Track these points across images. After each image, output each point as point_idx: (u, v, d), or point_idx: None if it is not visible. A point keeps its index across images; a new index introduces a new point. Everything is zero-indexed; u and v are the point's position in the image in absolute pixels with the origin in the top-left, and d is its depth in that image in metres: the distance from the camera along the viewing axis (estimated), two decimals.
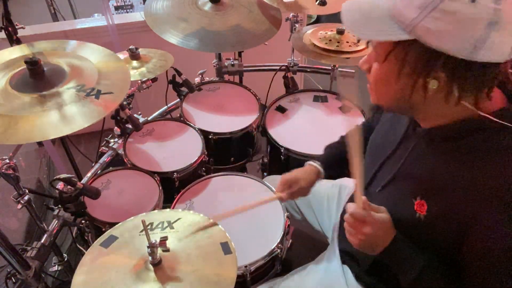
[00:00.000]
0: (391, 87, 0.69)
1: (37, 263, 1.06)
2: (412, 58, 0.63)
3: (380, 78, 0.70)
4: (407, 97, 0.68)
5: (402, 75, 0.66)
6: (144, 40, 1.68)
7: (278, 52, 1.90)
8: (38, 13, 3.18)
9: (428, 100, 0.67)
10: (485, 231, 0.63)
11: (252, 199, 1.22)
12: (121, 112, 1.38)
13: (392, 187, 0.81)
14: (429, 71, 0.62)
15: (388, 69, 0.68)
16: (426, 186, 0.72)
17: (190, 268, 0.78)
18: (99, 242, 0.85)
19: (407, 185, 0.77)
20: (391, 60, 0.66)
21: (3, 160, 1.00)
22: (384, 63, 0.68)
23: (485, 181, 0.64)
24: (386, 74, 0.69)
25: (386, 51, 0.66)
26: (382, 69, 0.69)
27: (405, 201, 0.75)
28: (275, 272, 1.15)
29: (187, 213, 0.92)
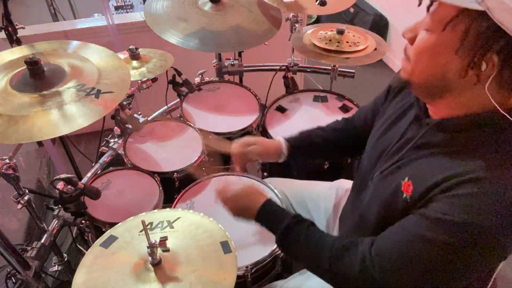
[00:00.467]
0: (437, 60, 0.64)
1: (37, 263, 1.06)
2: (475, 32, 0.58)
3: (428, 49, 0.65)
4: (449, 75, 0.64)
5: (457, 49, 0.60)
6: (144, 40, 1.68)
7: (278, 52, 1.90)
8: (38, 13, 3.18)
9: (464, 83, 0.63)
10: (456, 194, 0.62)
11: None
12: (121, 112, 1.38)
13: (389, 173, 0.80)
14: (487, 50, 0.57)
15: (443, 40, 0.62)
16: (417, 168, 0.72)
17: (190, 268, 0.78)
18: (99, 243, 0.85)
19: (402, 170, 0.76)
20: (449, 30, 0.60)
21: (3, 160, 1.00)
22: (438, 33, 0.62)
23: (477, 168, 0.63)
24: (438, 45, 0.63)
25: (447, 19, 0.60)
26: (433, 39, 0.63)
27: (395, 182, 0.75)
28: (275, 273, 1.15)
29: (186, 213, 0.93)
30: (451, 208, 0.62)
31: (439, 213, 0.63)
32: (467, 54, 0.60)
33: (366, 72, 2.98)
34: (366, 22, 3.15)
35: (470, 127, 0.67)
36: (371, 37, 1.59)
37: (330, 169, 1.41)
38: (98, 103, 0.95)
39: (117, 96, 0.98)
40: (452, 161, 0.67)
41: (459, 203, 0.62)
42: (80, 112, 0.92)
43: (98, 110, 0.93)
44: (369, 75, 3.04)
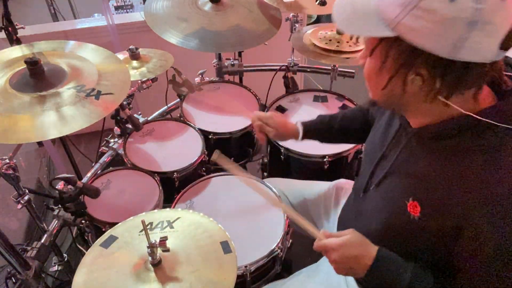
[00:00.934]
0: (378, 81, 0.71)
1: (37, 263, 1.06)
2: (395, 54, 0.64)
3: (368, 72, 0.72)
4: (394, 92, 0.69)
5: (383, 70, 0.68)
6: (144, 40, 1.68)
7: (278, 52, 1.90)
8: (38, 13, 3.18)
9: (414, 98, 0.68)
10: (475, 230, 0.64)
11: (252, 199, 1.23)
12: (121, 112, 1.38)
13: (385, 186, 0.82)
14: (410, 67, 0.64)
15: (374, 63, 0.69)
16: (418, 187, 0.73)
17: (190, 268, 0.79)
18: (99, 243, 0.85)
19: (398, 185, 0.78)
20: (377, 55, 0.68)
21: (3, 160, 1.00)
22: (371, 58, 0.70)
23: (472, 180, 0.65)
24: (372, 68, 0.70)
25: (372, 46, 0.68)
26: (369, 64, 0.71)
27: (397, 202, 0.76)
28: (275, 273, 1.15)
29: (186, 213, 0.93)
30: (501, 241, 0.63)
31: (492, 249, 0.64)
32: (393, 71, 0.66)
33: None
34: None
35: (451, 134, 0.69)
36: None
37: (330, 169, 1.42)
38: (98, 105, 0.95)
39: (117, 97, 0.98)
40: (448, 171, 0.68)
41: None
42: (80, 113, 0.92)
43: (98, 112, 0.93)
44: None
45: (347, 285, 0.97)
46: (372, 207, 0.86)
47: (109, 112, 0.96)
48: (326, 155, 1.40)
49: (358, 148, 1.46)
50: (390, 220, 0.78)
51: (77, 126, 0.89)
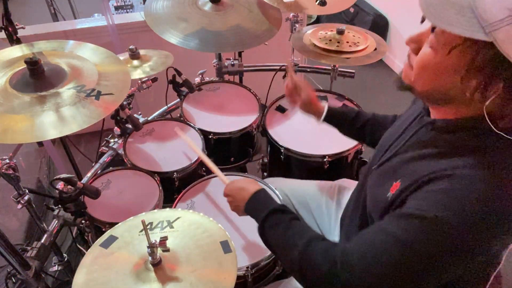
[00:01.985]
0: (441, 78, 0.64)
1: (37, 263, 1.06)
2: (481, 60, 0.57)
3: (433, 67, 0.64)
4: (452, 92, 0.64)
5: (463, 75, 0.60)
6: (144, 40, 1.68)
7: (278, 52, 1.90)
8: (38, 13, 3.18)
9: (465, 99, 0.63)
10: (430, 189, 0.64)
11: None
12: (121, 112, 1.38)
13: (384, 167, 0.82)
14: (493, 78, 0.58)
15: (448, 63, 0.62)
16: (407, 170, 0.73)
17: (190, 268, 0.79)
18: (99, 243, 0.85)
19: (394, 167, 0.78)
20: (454, 55, 0.60)
21: (3, 160, 1.00)
22: (443, 55, 0.62)
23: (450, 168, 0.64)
24: (442, 66, 0.63)
25: (451, 44, 0.60)
26: (438, 59, 0.63)
27: (387, 182, 0.76)
28: (276, 273, 1.15)
29: (186, 213, 0.93)
30: (423, 204, 0.63)
31: (412, 209, 0.64)
32: (473, 78, 0.60)
33: (366, 72, 2.98)
34: (366, 22, 3.15)
35: (460, 129, 0.68)
36: (371, 37, 1.59)
37: (330, 169, 1.42)
38: (98, 105, 0.95)
39: (117, 98, 0.98)
40: (433, 162, 0.68)
41: (432, 199, 0.63)
42: (80, 114, 0.92)
43: (98, 112, 0.93)
44: (369, 75, 3.04)
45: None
46: (368, 188, 0.86)
47: (109, 113, 0.96)
48: (326, 155, 1.40)
49: (358, 148, 1.46)
50: (375, 199, 0.79)
51: (77, 126, 0.89)
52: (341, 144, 1.45)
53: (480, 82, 0.59)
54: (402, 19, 3.01)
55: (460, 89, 0.63)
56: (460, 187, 0.61)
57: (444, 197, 0.61)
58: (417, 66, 0.68)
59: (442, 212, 0.60)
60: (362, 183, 0.94)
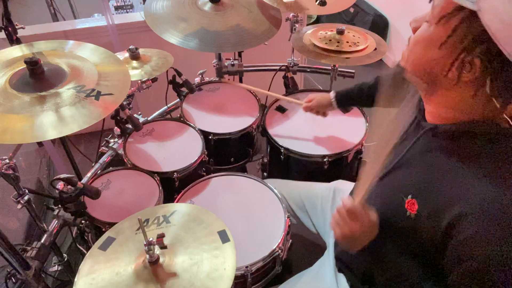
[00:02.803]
0: (427, 52, 0.66)
1: (37, 263, 1.06)
2: (463, 31, 0.59)
3: (423, 39, 0.66)
4: (433, 70, 0.65)
5: (445, 44, 0.62)
6: (144, 40, 1.69)
7: (278, 52, 1.90)
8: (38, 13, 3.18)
9: (450, 85, 0.64)
10: (467, 236, 0.61)
11: (252, 199, 1.23)
12: (121, 112, 1.38)
13: (388, 179, 0.80)
14: (469, 51, 0.59)
15: (435, 33, 0.64)
16: (419, 185, 0.72)
17: (189, 261, 0.78)
18: (97, 245, 0.85)
19: (400, 180, 0.76)
20: (443, 24, 0.62)
21: (3, 160, 1.00)
22: (434, 26, 0.64)
23: (474, 186, 0.62)
24: (430, 37, 0.65)
25: (442, 13, 0.62)
26: (429, 31, 0.65)
27: (396, 197, 0.75)
28: (275, 273, 1.15)
29: (181, 206, 0.92)
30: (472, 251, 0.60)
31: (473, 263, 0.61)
32: (451, 51, 0.62)
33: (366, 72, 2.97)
34: (366, 22, 3.15)
35: (463, 135, 0.67)
36: (371, 37, 1.59)
37: (329, 169, 1.42)
38: (98, 105, 0.95)
39: (117, 98, 0.98)
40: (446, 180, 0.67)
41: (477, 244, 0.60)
42: (80, 114, 0.92)
43: (98, 112, 0.93)
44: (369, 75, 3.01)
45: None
46: (371, 199, 0.83)
47: (109, 113, 0.96)
48: (326, 155, 1.40)
49: (358, 148, 1.46)
50: (386, 215, 0.77)
51: (77, 126, 0.89)
52: (341, 144, 1.45)
53: (457, 55, 0.61)
54: (402, 19, 3.01)
55: (440, 66, 0.64)
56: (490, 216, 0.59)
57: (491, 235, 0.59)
58: (412, 42, 0.69)
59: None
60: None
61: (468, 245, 0.61)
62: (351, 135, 1.49)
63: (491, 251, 0.59)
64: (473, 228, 0.61)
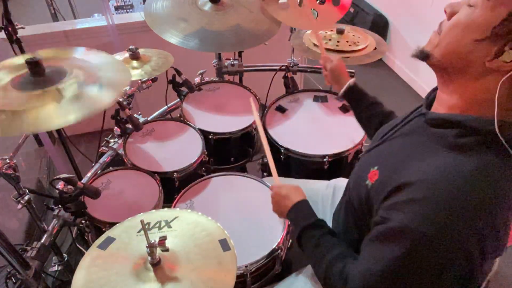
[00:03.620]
0: (468, 36, 0.63)
1: (37, 263, 1.06)
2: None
3: (465, 22, 0.63)
4: (471, 56, 0.63)
5: (496, 29, 0.59)
6: (144, 40, 1.68)
7: (278, 52, 1.90)
8: (38, 13, 3.18)
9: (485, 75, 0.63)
10: (396, 201, 0.65)
11: (252, 199, 1.23)
12: (121, 112, 1.38)
13: (371, 152, 0.85)
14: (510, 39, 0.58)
15: (483, 17, 0.61)
16: (387, 159, 0.75)
17: (190, 267, 0.79)
18: (96, 244, 0.85)
19: (376, 154, 0.81)
20: (495, 7, 0.59)
21: (3, 160, 1.00)
22: (482, 9, 0.61)
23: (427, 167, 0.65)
24: (476, 21, 0.62)
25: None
26: (475, 14, 0.62)
27: (365, 168, 0.78)
28: (275, 273, 1.15)
29: (184, 212, 0.93)
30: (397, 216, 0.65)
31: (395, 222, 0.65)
32: (502, 37, 0.59)
33: (366, 72, 2.99)
34: (366, 22, 3.15)
35: (449, 125, 0.67)
36: (371, 37, 1.60)
37: (329, 169, 1.42)
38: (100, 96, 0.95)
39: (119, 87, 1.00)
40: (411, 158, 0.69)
41: (403, 210, 0.64)
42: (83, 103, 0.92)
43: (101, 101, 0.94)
44: (369, 75, 3.04)
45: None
46: (352, 174, 0.90)
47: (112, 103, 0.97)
48: (326, 155, 1.40)
49: (358, 148, 1.46)
50: (354, 185, 0.82)
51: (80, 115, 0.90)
52: (341, 144, 1.45)
53: (502, 47, 0.59)
54: (402, 19, 3.01)
55: (481, 52, 0.62)
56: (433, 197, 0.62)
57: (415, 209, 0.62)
58: (449, 26, 0.66)
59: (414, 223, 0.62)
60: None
61: (390, 209, 0.66)
62: (351, 135, 1.49)
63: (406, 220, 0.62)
64: (403, 197, 0.64)
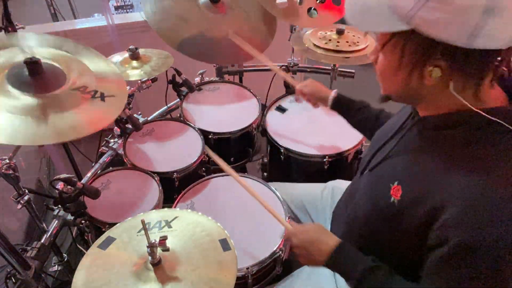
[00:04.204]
0: (395, 77, 0.70)
1: (37, 263, 1.06)
2: (412, 47, 0.64)
3: (384, 68, 0.71)
4: (411, 86, 0.68)
5: (402, 65, 0.66)
6: (144, 40, 1.68)
7: (278, 52, 1.89)
8: (38, 13, 3.17)
9: (431, 89, 0.67)
10: (443, 223, 0.64)
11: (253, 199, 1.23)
12: (121, 112, 1.37)
13: (378, 170, 0.83)
14: (427, 59, 0.63)
15: (390, 59, 0.68)
16: (404, 172, 0.74)
17: (190, 267, 0.79)
18: (97, 244, 0.85)
19: (389, 169, 0.79)
20: (390, 50, 0.67)
21: (3, 160, 1.00)
22: (384, 54, 0.69)
23: (456, 173, 0.65)
24: (388, 64, 0.69)
25: (384, 40, 0.67)
26: (384, 60, 0.70)
27: (384, 185, 0.77)
28: (275, 274, 1.15)
29: (184, 212, 0.93)
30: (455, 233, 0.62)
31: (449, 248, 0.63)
32: (413, 66, 0.65)
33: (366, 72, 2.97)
34: None
35: (451, 125, 0.69)
36: (370, 37, 1.60)
37: (330, 169, 1.42)
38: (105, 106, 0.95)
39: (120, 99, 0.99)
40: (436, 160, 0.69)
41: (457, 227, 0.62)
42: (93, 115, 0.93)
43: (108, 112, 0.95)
44: (369, 75, 3.02)
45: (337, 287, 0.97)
46: (361, 190, 0.87)
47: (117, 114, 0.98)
48: (326, 155, 1.40)
49: (358, 148, 1.46)
50: (374, 203, 0.80)
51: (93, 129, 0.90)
52: (341, 144, 1.45)
53: (420, 67, 0.64)
54: None
55: (413, 80, 0.67)
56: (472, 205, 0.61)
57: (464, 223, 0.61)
58: (378, 74, 0.74)
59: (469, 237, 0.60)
60: (352, 184, 0.95)
61: (443, 231, 0.64)
62: (351, 135, 1.48)
63: (463, 237, 0.61)
64: (450, 215, 0.63)
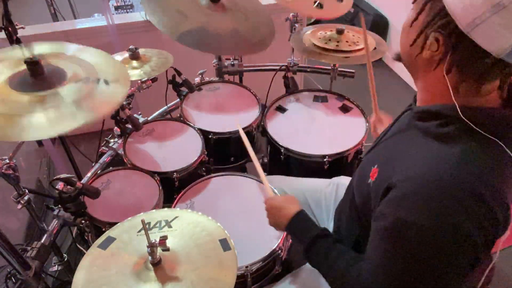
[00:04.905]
0: (407, 36, 0.72)
1: (37, 263, 1.06)
2: (428, 9, 0.66)
3: (404, 23, 0.73)
4: (413, 50, 0.71)
5: (416, 23, 0.69)
6: (144, 40, 1.68)
7: (278, 52, 1.90)
8: (38, 13, 3.17)
9: (425, 63, 0.69)
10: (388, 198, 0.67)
11: (253, 199, 1.23)
12: (121, 112, 1.38)
13: (370, 154, 0.87)
14: (432, 27, 0.65)
15: (412, 13, 0.71)
16: (385, 156, 0.77)
17: (190, 267, 0.79)
18: (97, 244, 0.85)
19: (375, 154, 0.83)
20: (416, 6, 0.69)
21: (3, 160, 1.00)
22: (413, 9, 0.71)
23: (416, 160, 0.67)
24: (408, 19, 0.72)
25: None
26: (410, 13, 0.72)
27: (367, 169, 0.80)
28: (275, 273, 1.15)
29: (184, 212, 0.93)
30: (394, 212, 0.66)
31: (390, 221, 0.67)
32: (419, 28, 0.68)
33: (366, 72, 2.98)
34: (366, 22, 3.15)
35: (428, 117, 0.71)
36: (370, 37, 1.60)
37: (330, 169, 1.42)
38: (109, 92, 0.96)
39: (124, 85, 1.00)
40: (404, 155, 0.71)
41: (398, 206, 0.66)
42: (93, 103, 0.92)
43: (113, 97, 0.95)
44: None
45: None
46: (354, 176, 0.91)
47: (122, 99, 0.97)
48: (326, 155, 1.40)
49: (358, 148, 1.46)
50: (358, 184, 0.84)
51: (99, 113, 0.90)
52: (341, 144, 1.45)
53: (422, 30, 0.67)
54: (402, 19, 3.00)
55: (415, 45, 0.70)
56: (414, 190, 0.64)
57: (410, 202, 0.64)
58: (402, 29, 0.76)
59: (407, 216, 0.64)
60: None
61: (384, 206, 0.68)
62: (351, 135, 1.49)
63: (399, 216, 0.65)
64: (395, 194, 0.67)
